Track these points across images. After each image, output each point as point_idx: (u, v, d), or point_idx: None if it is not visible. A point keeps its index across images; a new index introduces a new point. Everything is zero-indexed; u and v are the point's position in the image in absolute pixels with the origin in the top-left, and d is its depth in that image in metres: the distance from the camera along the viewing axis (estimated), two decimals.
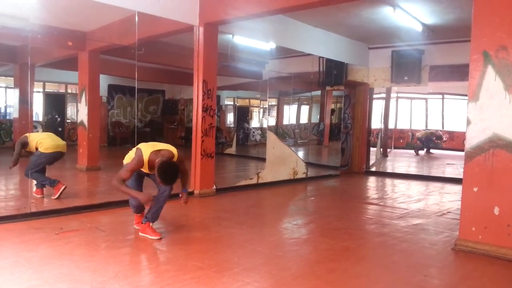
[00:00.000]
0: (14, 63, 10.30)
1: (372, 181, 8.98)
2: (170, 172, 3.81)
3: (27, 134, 5.80)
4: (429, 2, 6.51)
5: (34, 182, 5.86)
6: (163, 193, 4.11)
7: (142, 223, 4.19)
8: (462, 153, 4.12)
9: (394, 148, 15.51)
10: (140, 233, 4.15)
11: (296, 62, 10.07)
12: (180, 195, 4.23)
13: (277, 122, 14.82)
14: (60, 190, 5.66)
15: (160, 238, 4.02)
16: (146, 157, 3.95)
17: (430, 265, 3.61)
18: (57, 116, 13.12)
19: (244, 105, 15.67)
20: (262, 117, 14.47)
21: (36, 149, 5.63)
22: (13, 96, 10.95)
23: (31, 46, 6.76)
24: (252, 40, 7.87)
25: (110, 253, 3.58)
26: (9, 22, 6.90)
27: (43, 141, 5.64)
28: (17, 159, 5.67)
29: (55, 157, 5.77)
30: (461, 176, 4.19)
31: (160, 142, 4.26)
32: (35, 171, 5.66)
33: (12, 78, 10.75)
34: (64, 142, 5.90)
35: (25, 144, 5.69)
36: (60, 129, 13.16)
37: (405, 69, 9.02)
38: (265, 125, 13.36)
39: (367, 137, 10.05)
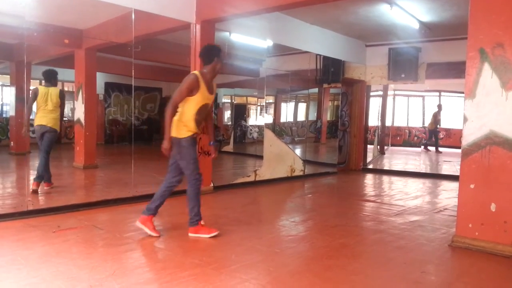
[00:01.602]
0: (10, 61, 10.27)
1: (369, 179, 9.00)
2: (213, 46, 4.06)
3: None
4: (425, 0, 6.51)
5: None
6: (169, 187, 4.10)
7: (142, 214, 4.10)
8: (459, 150, 4.13)
9: (391, 146, 15.55)
10: (139, 223, 4.07)
11: (293, 59, 10.07)
12: (210, 152, 4.18)
13: (274, 119, 14.83)
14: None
15: (159, 236, 4.02)
16: (198, 71, 3.95)
17: (427, 261, 3.63)
18: None
19: (241, 102, 15.67)
20: (260, 114, 14.48)
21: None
22: (10, 94, 10.91)
23: (27, 44, 6.74)
24: (249, 38, 7.86)
25: (107, 251, 3.58)
26: (5, 20, 6.88)
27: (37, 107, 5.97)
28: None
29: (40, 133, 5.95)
30: (457, 173, 4.20)
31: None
32: (43, 153, 5.89)
33: (8, 76, 10.71)
34: (52, 116, 6.00)
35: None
36: None
37: (402, 66, 9.03)
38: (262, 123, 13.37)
39: (364, 135, 10.07)
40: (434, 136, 14.57)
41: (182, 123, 3.97)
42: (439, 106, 14.83)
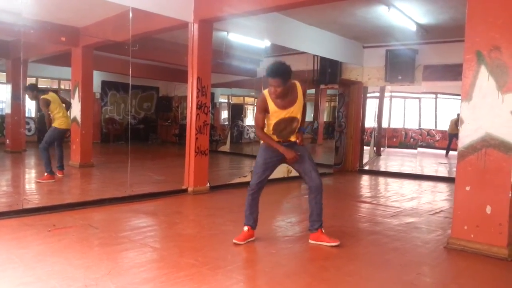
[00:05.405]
0: (6, 59, 10.19)
1: (365, 180, 9.02)
2: (277, 64, 3.80)
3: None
4: (423, 2, 6.53)
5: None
6: (309, 193, 4.19)
7: (312, 232, 4.02)
8: (455, 153, 4.15)
9: (387, 147, 15.58)
10: (311, 241, 4.01)
11: (290, 60, 9.87)
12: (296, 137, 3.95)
13: None
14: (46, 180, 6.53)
15: (338, 244, 3.88)
16: (265, 91, 3.91)
17: (423, 263, 3.64)
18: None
19: (238, 102, 15.65)
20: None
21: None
22: (5, 91, 10.85)
23: (24, 41, 6.68)
24: (247, 38, 7.86)
25: (103, 250, 3.57)
26: (1, 17, 6.84)
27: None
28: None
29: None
30: (453, 175, 4.22)
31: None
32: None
33: (4, 73, 10.65)
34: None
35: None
36: None
37: (399, 68, 9.06)
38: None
39: (360, 136, 10.09)
40: (450, 140, 14.20)
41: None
42: None
